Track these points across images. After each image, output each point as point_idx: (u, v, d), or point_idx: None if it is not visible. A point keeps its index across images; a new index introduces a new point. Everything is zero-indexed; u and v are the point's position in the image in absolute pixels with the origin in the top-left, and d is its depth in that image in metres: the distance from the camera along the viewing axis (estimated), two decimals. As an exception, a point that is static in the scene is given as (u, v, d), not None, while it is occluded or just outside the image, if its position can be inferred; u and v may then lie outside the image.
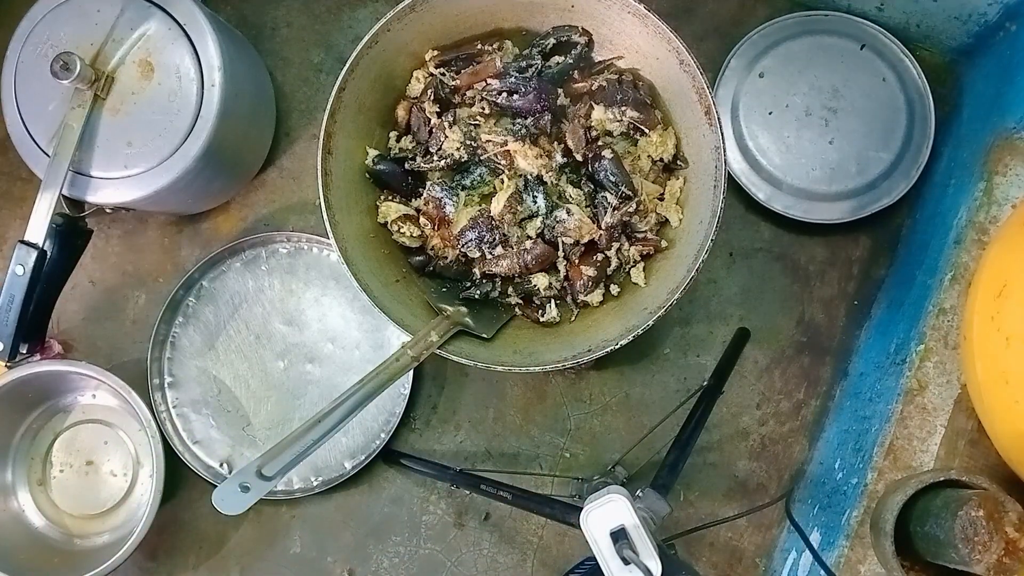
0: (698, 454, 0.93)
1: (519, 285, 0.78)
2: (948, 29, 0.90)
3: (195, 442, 0.94)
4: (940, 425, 0.73)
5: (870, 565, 0.72)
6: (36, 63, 0.83)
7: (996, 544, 0.57)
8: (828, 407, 0.93)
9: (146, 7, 0.83)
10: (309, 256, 0.96)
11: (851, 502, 0.75)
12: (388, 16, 0.71)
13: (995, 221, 0.74)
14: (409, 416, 0.95)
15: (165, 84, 0.83)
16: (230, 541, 0.96)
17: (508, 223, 0.76)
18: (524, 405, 0.95)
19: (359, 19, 1.00)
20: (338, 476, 0.92)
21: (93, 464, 0.95)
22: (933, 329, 0.74)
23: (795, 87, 0.92)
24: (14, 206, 1.00)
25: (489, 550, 0.94)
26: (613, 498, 0.62)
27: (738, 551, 0.93)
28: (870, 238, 0.95)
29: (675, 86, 0.75)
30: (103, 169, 0.83)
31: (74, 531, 0.95)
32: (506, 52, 0.80)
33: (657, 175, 0.80)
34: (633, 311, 0.75)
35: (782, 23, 0.93)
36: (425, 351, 0.69)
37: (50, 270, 0.84)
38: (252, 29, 0.99)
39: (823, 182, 0.90)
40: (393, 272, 0.78)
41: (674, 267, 0.75)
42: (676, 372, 0.95)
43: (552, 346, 0.76)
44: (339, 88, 0.72)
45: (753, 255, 0.95)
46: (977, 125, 0.84)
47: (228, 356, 0.95)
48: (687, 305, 0.95)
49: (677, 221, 0.79)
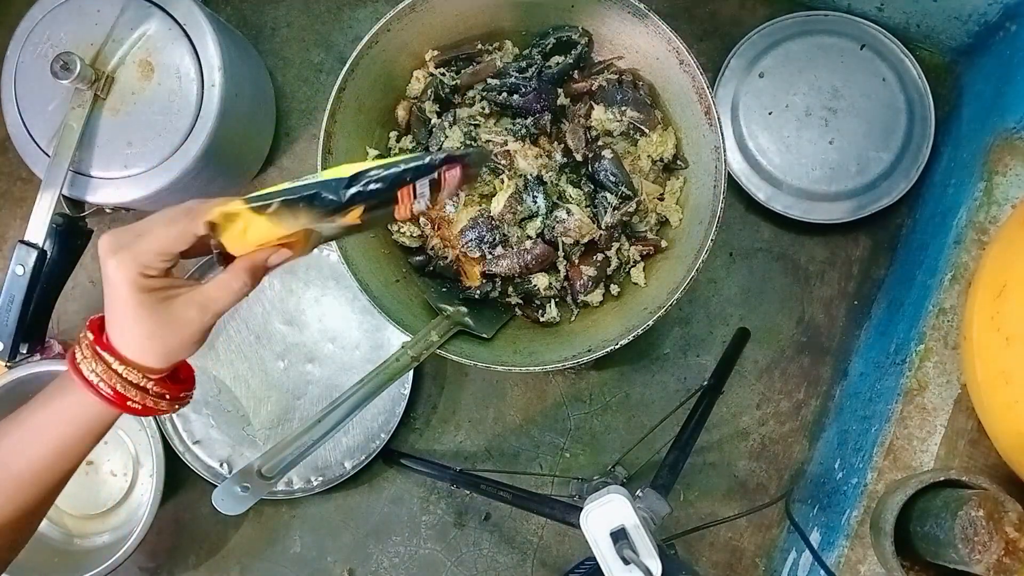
0: (698, 454, 0.93)
1: (519, 285, 0.78)
2: (948, 29, 0.90)
3: (195, 442, 0.94)
4: (940, 425, 0.73)
5: (870, 565, 0.72)
6: (36, 63, 0.83)
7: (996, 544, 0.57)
8: (828, 407, 0.93)
9: (146, 7, 0.83)
10: (309, 256, 0.95)
11: (851, 502, 0.75)
12: (388, 16, 0.71)
13: (995, 221, 0.74)
14: (409, 416, 0.95)
15: (165, 84, 0.83)
16: (230, 541, 0.96)
17: (508, 223, 0.76)
18: (524, 405, 0.95)
19: (359, 19, 1.00)
20: (338, 476, 0.92)
21: (93, 464, 0.95)
22: (933, 329, 0.74)
23: (795, 87, 0.92)
24: (14, 206, 1.00)
25: (489, 550, 0.94)
26: (613, 498, 0.62)
27: (738, 551, 0.93)
28: (870, 238, 0.95)
29: (675, 86, 0.75)
30: (103, 169, 0.83)
31: (74, 531, 0.95)
32: (506, 52, 0.80)
33: (657, 175, 0.80)
34: (633, 311, 0.75)
35: (782, 23, 0.93)
36: (425, 351, 0.69)
37: (50, 270, 0.84)
38: (252, 29, 0.99)
39: (823, 182, 0.90)
40: (393, 272, 0.78)
41: (674, 267, 0.75)
42: (676, 372, 0.95)
43: (552, 346, 0.76)
44: (339, 88, 0.72)
45: (753, 255, 0.95)
46: (977, 125, 0.84)
47: (228, 356, 0.95)
48: (687, 305, 0.95)
49: (677, 221, 0.79)
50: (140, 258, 0.47)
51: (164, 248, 0.48)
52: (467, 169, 0.52)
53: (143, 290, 0.48)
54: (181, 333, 0.49)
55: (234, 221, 0.49)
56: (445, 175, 0.51)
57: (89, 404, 0.50)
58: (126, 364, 0.49)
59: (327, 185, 0.48)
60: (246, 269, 0.50)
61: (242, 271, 0.50)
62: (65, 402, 0.50)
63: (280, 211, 0.48)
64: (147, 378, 0.50)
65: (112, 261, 0.47)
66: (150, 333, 0.48)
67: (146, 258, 0.48)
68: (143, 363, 0.49)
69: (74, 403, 0.50)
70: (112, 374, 0.49)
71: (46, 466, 0.51)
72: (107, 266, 0.48)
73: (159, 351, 0.49)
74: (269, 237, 0.50)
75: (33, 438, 0.51)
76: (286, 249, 0.51)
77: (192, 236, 0.48)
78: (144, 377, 0.50)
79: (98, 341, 0.50)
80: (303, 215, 0.48)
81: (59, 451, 0.51)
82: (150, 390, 0.50)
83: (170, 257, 0.48)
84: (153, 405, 0.51)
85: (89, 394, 0.49)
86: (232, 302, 0.50)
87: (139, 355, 0.49)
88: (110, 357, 0.49)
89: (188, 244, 0.48)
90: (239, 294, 0.50)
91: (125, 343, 0.49)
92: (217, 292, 0.50)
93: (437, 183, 0.51)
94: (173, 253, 0.48)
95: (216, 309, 0.50)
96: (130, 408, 0.50)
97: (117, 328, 0.49)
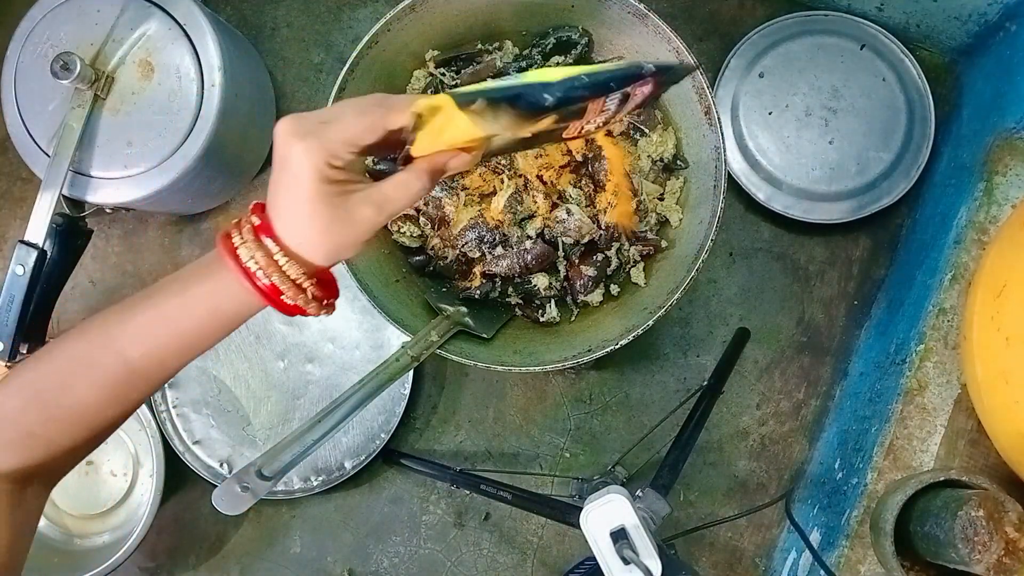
0: (698, 454, 0.93)
1: (519, 285, 0.78)
2: (948, 29, 0.90)
3: (195, 442, 0.94)
4: (940, 425, 0.73)
5: (870, 565, 0.72)
6: (36, 63, 0.83)
7: (996, 544, 0.57)
8: (828, 407, 0.93)
9: (146, 7, 0.83)
10: (309, 256, 0.96)
11: (851, 502, 0.75)
12: (388, 16, 0.71)
13: (995, 221, 0.74)
14: (409, 416, 0.95)
15: (165, 84, 0.83)
16: (230, 541, 0.96)
17: (508, 223, 0.76)
18: (524, 405, 0.95)
19: (359, 19, 1.00)
20: (338, 476, 0.92)
21: (93, 464, 0.95)
22: (933, 329, 0.74)
23: (795, 87, 0.92)
24: (14, 206, 1.00)
25: (489, 550, 0.94)
26: (613, 498, 0.62)
27: (738, 551, 0.93)
28: (870, 238, 0.95)
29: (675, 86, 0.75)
30: (103, 169, 0.83)
31: (74, 531, 0.95)
32: (506, 52, 0.80)
33: (657, 175, 0.80)
34: (633, 311, 0.75)
35: (782, 23, 0.93)
36: (425, 351, 0.69)
37: (50, 270, 0.84)
38: (252, 29, 0.99)
39: (823, 182, 0.90)
40: (393, 272, 0.78)
41: (674, 267, 0.75)
42: (676, 372, 0.95)
43: (552, 346, 0.76)
44: (339, 88, 0.72)
45: (753, 255, 0.95)
46: (977, 125, 0.84)
47: (228, 356, 0.95)
48: (687, 305, 0.95)
49: (677, 221, 0.79)
50: (329, 146, 0.44)
51: (354, 138, 0.45)
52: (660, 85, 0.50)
53: (326, 181, 0.44)
54: (354, 230, 0.46)
55: (435, 115, 0.47)
56: (637, 89, 0.49)
57: (237, 293, 0.46)
58: (289, 256, 0.46)
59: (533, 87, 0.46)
60: (426, 171, 0.48)
61: (423, 172, 0.47)
62: (208, 287, 0.47)
63: (484, 109, 0.46)
64: (305, 275, 0.46)
65: (300, 146, 0.44)
66: (325, 227, 0.45)
67: (335, 147, 0.44)
68: (308, 257, 0.46)
69: (220, 290, 0.46)
70: (272, 265, 0.46)
71: (173, 354, 0.48)
72: (292, 151, 0.44)
73: (328, 247, 0.46)
74: (463, 137, 0.47)
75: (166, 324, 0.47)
76: (466, 155, 0.49)
77: (383, 129, 0.46)
78: (303, 274, 0.46)
79: (263, 227, 0.46)
80: (503, 116, 0.46)
81: (192, 340, 0.48)
82: (306, 288, 0.47)
83: (358, 149, 0.45)
84: (304, 305, 0.47)
85: (243, 282, 0.46)
86: (409, 204, 0.47)
87: (306, 248, 0.46)
88: (274, 246, 0.46)
89: (378, 137, 0.46)
90: (417, 196, 0.48)
91: (294, 234, 0.46)
92: (395, 192, 0.47)
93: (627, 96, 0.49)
94: (362, 145, 0.45)
95: (392, 209, 0.47)
96: (282, 303, 0.47)
97: (288, 217, 0.46)
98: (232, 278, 0.46)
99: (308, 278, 0.47)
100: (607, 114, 0.50)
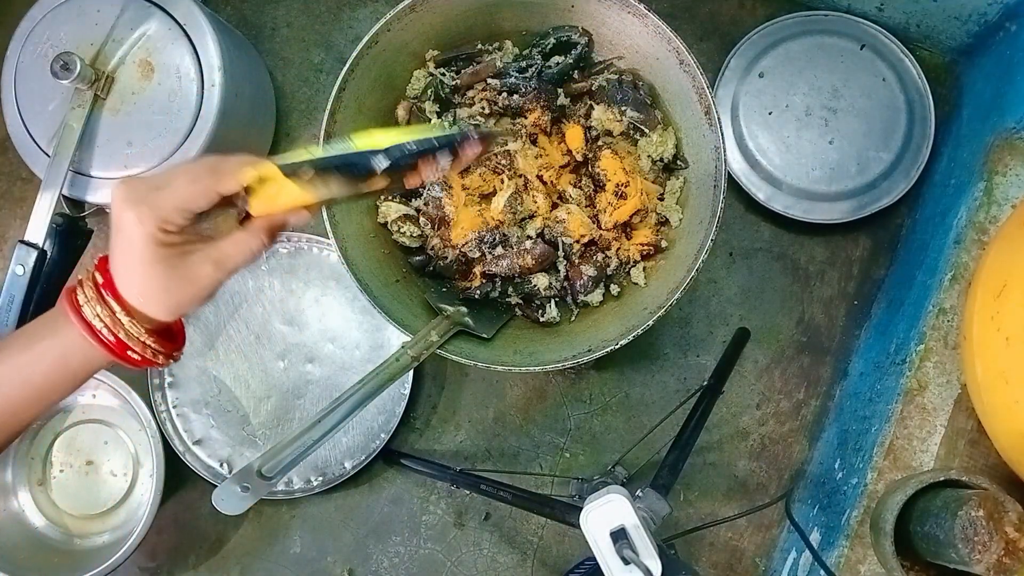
0: (698, 454, 0.93)
1: (519, 285, 0.78)
2: (948, 29, 0.90)
3: (195, 442, 0.94)
4: (940, 425, 0.73)
5: (870, 565, 0.72)
6: (36, 63, 0.83)
7: (996, 544, 0.57)
8: (828, 407, 0.93)
9: (146, 7, 0.83)
10: (309, 256, 0.96)
11: (851, 502, 0.75)
12: (388, 16, 0.71)
13: (995, 221, 0.74)
14: (409, 416, 0.95)
15: (165, 84, 0.83)
16: (230, 541, 0.96)
17: (508, 223, 0.76)
18: (524, 405, 0.95)
19: (359, 19, 1.00)
20: (338, 476, 0.92)
21: (93, 464, 0.95)
22: (933, 329, 0.74)
23: (795, 87, 0.92)
24: (14, 206, 1.00)
25: (489, 550, 0.94)
26: (613, 498, 0.62)
27: (738, 551, 0.93)
28: (870, 238, 0.95)
29: (675, 86, 0.75)
30: (103, 169, 0.83)
31: (74, 531, 0.95)
32: (506, 52, 0.80)
33: (657, 175, 0.80)
34: (633, 311, 0.75)
35: (782, 23, 0.93)
36: (425, 351, 0.69)
37: (50, 270, 0.84)
38: (252, 29, 0.99)
39: (823, 182, 0.90)
40: (393, 272, 0.78)
41: (674, 267, 0.75)
42: (676, 372, 0.95)
43: (552, 346, 0.76)
44: (339, 88, 0.72)
45: (753, 255, 0.95)
46: (977, 125, 0.84)
47: (228, 356, 0.95)
48: (687, 305, 0.95)
49: (677, 221, 0.79)
50: (160, 213, 0.46)
51: (186, 205, 0.46)
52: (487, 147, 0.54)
53: (160, 245, 0.46)
54: (193, 288, 0.48)
55: (266, 184, 0.49)
56: (465, 149, 0.52)
57: (84, 348, 0.48)
58: (131, 314, 0.48)
59: (361, 155, 0.49)
60: (264, 229, 0.50)
61: (261, 230, 0.50)
62: (55, 341, 0.48)
63: (312, 178, 0.49)
64: (148, 331, 0.49)
65: (131, 214, 0.46)
66: (163, 287, 0.47)
67: (166, 213, 0.46)
68: (150, 314, 0.48)
69: (68, 344, 0.48)
70: (117, 322, 0.47)
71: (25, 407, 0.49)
72: (124, 218, 0.46)
73: (169, 304, 0.48)
74: (296, 202, 0.50)
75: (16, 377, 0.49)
76: (305, 211, 0.51)
77: (216, 195, 0.47)
78: (145, 331, 0.48)
79: (107, 284, 0.48)
80: (334, 183, 0.49)
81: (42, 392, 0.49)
82: (149, 344, 0.49)
83: (190, 215, 0.47)
84: (152, 357, 0.50)
85: (87, 338, 0.47)
86: (248, 261, 0.50)
87: (147, 306, 0.48)
88: (116, 304, 0.47)
89: (211, 203, 0.47)
90: (256, 253, 0.50)
91: (134, 294, 0.47)
92: (234, 249, 0.49)
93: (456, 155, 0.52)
94: (195, 210, 0.47)
95: (231, 266, 0.49)
96: (128, 358, 0.49)
97: (127, 278, 0.47)
98: (77, 333, 0.48)
99: (150, 334, 0.49)
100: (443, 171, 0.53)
